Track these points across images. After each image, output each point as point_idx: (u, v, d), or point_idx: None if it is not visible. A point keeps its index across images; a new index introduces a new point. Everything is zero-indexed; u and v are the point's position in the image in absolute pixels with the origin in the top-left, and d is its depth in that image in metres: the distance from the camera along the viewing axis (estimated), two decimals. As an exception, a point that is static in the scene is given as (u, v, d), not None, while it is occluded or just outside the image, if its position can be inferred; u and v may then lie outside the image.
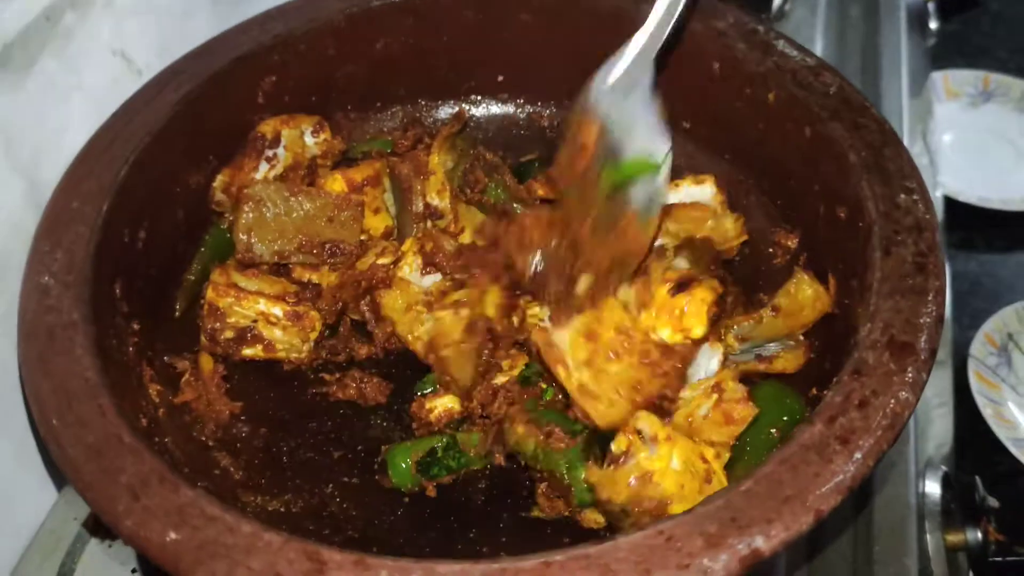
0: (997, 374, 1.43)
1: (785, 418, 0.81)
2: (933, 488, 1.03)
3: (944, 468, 1.07)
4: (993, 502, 1.03)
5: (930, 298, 0.75)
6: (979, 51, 1.89)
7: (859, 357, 0.72)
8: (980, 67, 1.85)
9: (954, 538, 1.00)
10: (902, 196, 0.83)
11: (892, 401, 0.69)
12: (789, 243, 0.98)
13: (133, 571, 0.96)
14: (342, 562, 0.60)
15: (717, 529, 0.62)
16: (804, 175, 0.94)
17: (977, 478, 1.04)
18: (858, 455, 0.66)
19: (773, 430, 0.80)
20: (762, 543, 0.62)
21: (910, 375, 0.71)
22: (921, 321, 0.74)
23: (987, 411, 1.38)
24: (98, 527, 0.98)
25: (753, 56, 0.97)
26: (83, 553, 0.97)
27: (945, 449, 1.18)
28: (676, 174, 0.95)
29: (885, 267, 0.78)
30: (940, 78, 1.82)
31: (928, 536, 0.99)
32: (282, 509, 0.83)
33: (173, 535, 0.61)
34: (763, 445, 0.79)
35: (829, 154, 0.89)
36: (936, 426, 1.20)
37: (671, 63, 1.03)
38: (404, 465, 0.84)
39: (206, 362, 0.90)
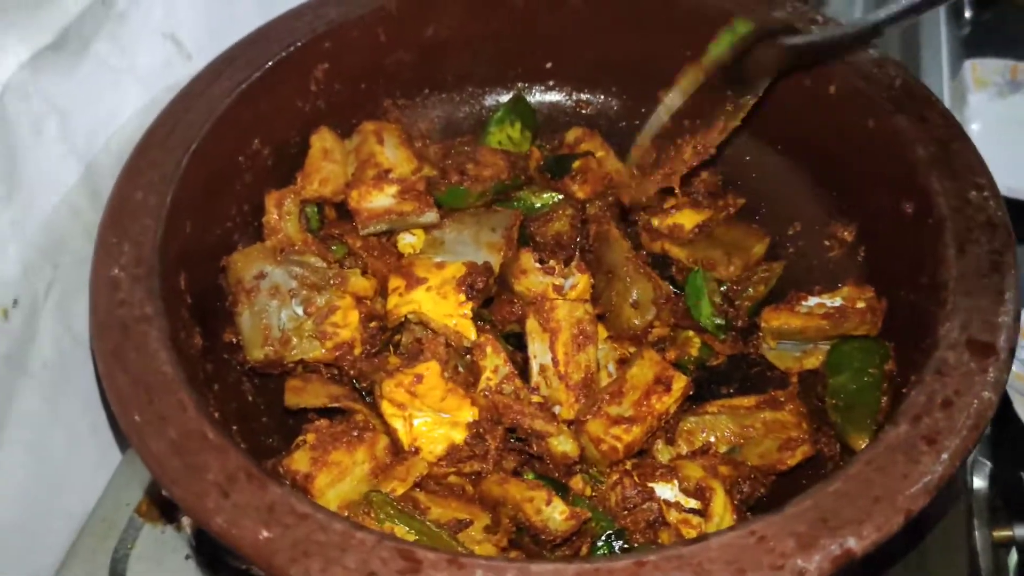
0: (1027, 367, 1.43)
1: (878, 359, 0.85)
2: (980, 484, 1.03)
3: (989, 464, 1.07)
4: (1039, 497, 1.03)
5: (1007, 297, 0.75)
6: (1010, 41, 1.87)
7: (940, 356, 0.72)
8: (1009, 56, 1.83)
9: (1001, 534, 1.00)
10: (973, 193, 0.82)
11: (975, 401, 0.69)
12: (846, 235, 0.97)
13: (187, 557, 0.96)
14: (436, 561, 0.60)
15: (808, 529, 0.62)
16: (865, 168, 0.93)
17: (1023, 475, 1.05)
18: (945, 456, 0.66)
19: (871, 369, 0.84)
20: (854, 544, 0.62)
21: (991, 375, 0.71)
22: (999, 320, 0.74)
23: (1020, 407, 1.38)
24: (151, 513, 0.98)
25: (814, 47, 0.96)
26: (137, 539, 0.97)
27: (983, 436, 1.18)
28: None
29: (960, 265, 0.77)
30: (968, 67, 1.80)
31: (976, 532, 1.00)
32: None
33: (266, 533, 0.61)
34: (870, 387, 0.83)
35: (894, 147, 0.88)
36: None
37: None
38: None
39: None
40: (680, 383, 0.84)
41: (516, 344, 0.92)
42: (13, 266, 0.82)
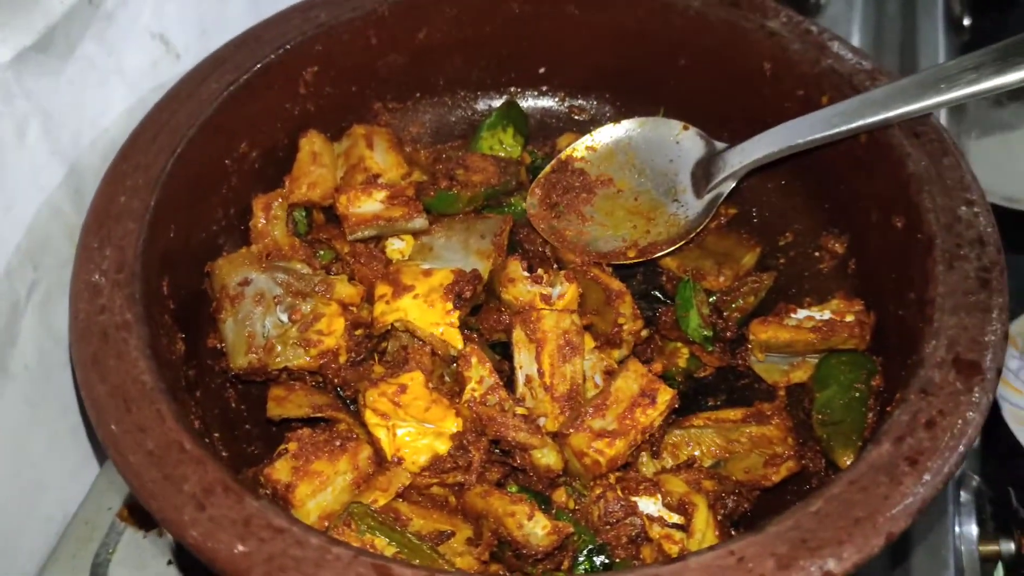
0: (1019, 378, 1.42)
1: (865, 374, 0.85)
2: (967, 498, 1.03)
3: (977, 478, 1.07)
4: (1024, 513, 1.03)
5: (995, 315, 0.74)
6: (1008, 48, 1.85)
7: (925, 375, 0.71)
8: (1007, 64, 1.82)
9: (988, 548, 1.00)
10: (963, 208, 0.82)
11: (959, 422, 0.69)
12: (837, 247, 0.97)
13: (168, 562, 0.95)
14: (413, 578, 0.59)
15: (788, 550, 0.62)
16: (856, 181, 0.93)
17: (1011, 489, 1.05)
18: (927, 476, 0.66)
19: (858, 384, 0.84)
20: (834, 566, 0.62)
21: (976, 395, 0.70)
22: (987, 339, 0.73)
23: (1007, 415, 1.38)
24: (133, 517, 0.98)
25: (808, 57, 0.95)
26: (119, 543, 0.96)
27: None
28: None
29: (948, 282, 0.77)
30: (966, 74, 1.79)
31: (962, 547, 1.00)
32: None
33: (241, 547, 0.60)
34: (857, 403, 0.83)
35: (886, 161, 0.88)
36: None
37: (718, 61, 1.02)
38: None
39: None
40: (665, 396, 0.83)
41: (503, 353, 0.91)
42: (-5, 269, 0.82)
